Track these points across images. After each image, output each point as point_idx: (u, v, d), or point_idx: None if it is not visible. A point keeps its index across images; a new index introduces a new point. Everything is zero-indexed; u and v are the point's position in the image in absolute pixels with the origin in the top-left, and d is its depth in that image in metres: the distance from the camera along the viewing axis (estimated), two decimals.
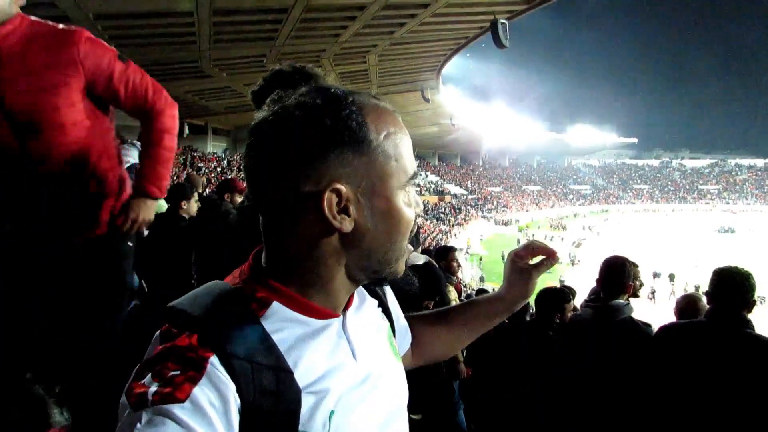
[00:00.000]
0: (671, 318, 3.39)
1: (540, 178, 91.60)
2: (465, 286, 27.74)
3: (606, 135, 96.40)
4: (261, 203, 0.73)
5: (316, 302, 0.74)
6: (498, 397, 3.53)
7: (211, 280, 0.74)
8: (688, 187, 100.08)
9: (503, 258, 35.20)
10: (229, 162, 35.18)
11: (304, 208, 0.69)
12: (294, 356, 0.68)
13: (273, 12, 14.44)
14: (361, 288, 0.86)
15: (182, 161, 29.79)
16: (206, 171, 30.11)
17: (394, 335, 0.95)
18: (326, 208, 0.67)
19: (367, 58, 21.12)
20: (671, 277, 35.44)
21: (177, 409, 0.56)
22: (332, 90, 0.72)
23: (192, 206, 4.30)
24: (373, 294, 0.93)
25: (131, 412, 0.57)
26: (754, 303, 2.46)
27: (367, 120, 0.70)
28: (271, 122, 0.70)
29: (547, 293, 3.49)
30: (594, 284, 4.18)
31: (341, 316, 0.78)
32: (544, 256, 1.07)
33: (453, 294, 4.90)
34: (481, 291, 8.01)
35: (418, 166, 0.79)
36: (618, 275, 2.98)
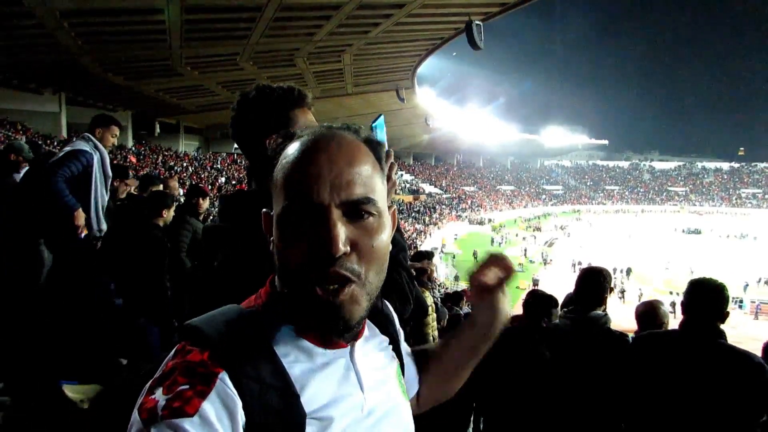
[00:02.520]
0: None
1: (513, 178, 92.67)
2: (440, 285, 27.95)
3: (578, 136, 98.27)
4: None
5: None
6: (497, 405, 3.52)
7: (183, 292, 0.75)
8: (656, 188, 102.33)
9: (475, 257, 35.91)
10: (201, 161, 34.67)
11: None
12: (301, 382, 0.69)
13: (246, 10, 14.30)
14: (372, 324, 0.88)
15: (154, 161, 29.26)
16: (179, 170, 29.62)
17: (403, 374, 0.94)
18: (263, 225, 0.74)
19: (342, 58, 21.08)
20: (628, 272, 37.00)
21: (186, 423, 0.57)
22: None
23: (170, 216, 4.34)
24: (385, 332, 0.92)
25: (142, 428, 0.58)
26: (727, 314, 2.51)
27: (284, 148, 0.74)
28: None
29: (535, 297, 3.49)
30: (566, 288, 4.26)
31: (349, 347, 0.78)
32: (500, 271, 0.97)
33: (429, 299, 4.92)
34: (451, 295, 8.02)
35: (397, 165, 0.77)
36: (595, 287, 3.00)
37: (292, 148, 0.71)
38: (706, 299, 2.49)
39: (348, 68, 22.92)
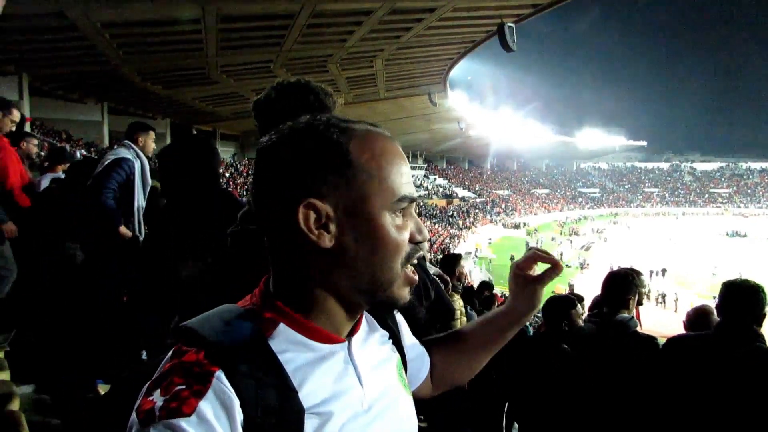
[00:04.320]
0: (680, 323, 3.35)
1: (549, 182, 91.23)
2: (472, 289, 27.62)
3: (615, 138, 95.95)
4: (261, 225, 0.76)
5: (319, 325, 0.75)
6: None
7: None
8: (698, 190, 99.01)
9: (512, 261, 35.54)
10: (237, 167, 35.34)
11: (289, 226, 0.70)
12: (299, 377, 0.69)
13: (279, 18, 14.52)
14: (371, 318, 0.90)
15: None
16: None
17: (405, 369, 0.94)
18: (302, 222, 0.69)
19: (374, 63, 21.19)
20: (663, 272, 36.50)
21: (184, 423, 0.58)
22: (322, 117, 0.75)
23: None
24: (384, 326, 0.93)
25: (140, 429, 0.59)
26: (764, 316, 2.42)
27: (350, 142, 0.72)
28: (264, 148, 0.74)
29: (552, 302, 3.45)
30: (596, 292, 4.18)
31: (346, 342, 0.78)
32: (547, 265, 1.02)
33: (459, 303, 4.87)
34: (484, 284, 7.93)
35: (426, 169, 0.78)
36: (620, 289, 2.95)
37: (380, 144, 0.74)
38: (742, 301, 2.41)
39: (380, 73, 23.03)
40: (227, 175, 32.50)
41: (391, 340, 0.92)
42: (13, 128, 4.15)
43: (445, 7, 14.94)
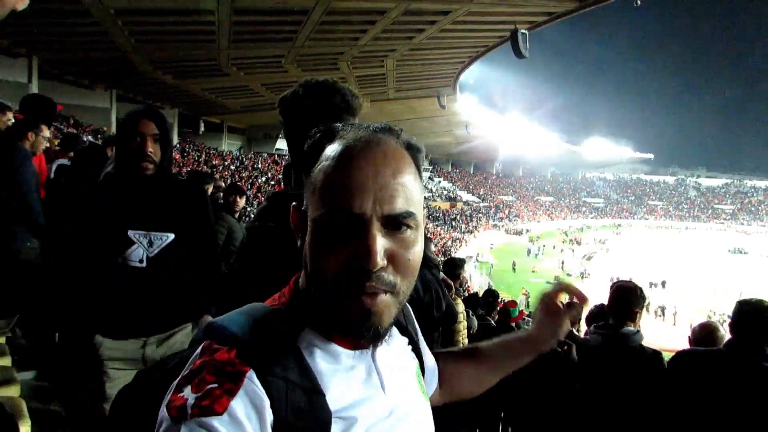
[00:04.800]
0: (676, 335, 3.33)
1: (553, 189, 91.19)
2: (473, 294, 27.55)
3: (622, 149, 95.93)
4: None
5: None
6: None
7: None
8: (702, 205, 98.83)
9: (514, 268, 35.27)
10: (243, 160, 35.38)
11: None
12: (326, 381, 0.69)
13: (293, 13, 14.53)
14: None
15: (197, 158, 30.00)
16: (221, 169, 30.30)
17: (423, 375, 0.94)
18: (291, 223, 0.74)
19: (385, 63, 21.18)
20: (663, 284, 36.79)
21: (216, 422, 0.58)
22: (334, 125, 0.75)
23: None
24: (404, 332, 0.92)
25: (171, 425, 0.59)
26: None
27: (326, 148, 0.72)
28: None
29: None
30: (597, 302, 4.18)
31: (371, 348, 0.77)
32: (574, 298, 1.04)
33: (461, 306, 4.87)
34: (490, 292, 7.90)
35: (431, 172, 0.74)
36: (628, 302, 2.94)
37: (334, 151, 0.69)
38: (755, 320, 2.41)
39: (390, 73, 23.02)
40: (232, 168, 32.53)
41: (410, 347, 0.92)
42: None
43: (459, 10, 14.91)
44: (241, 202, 4.96)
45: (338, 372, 0.72)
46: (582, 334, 4.29)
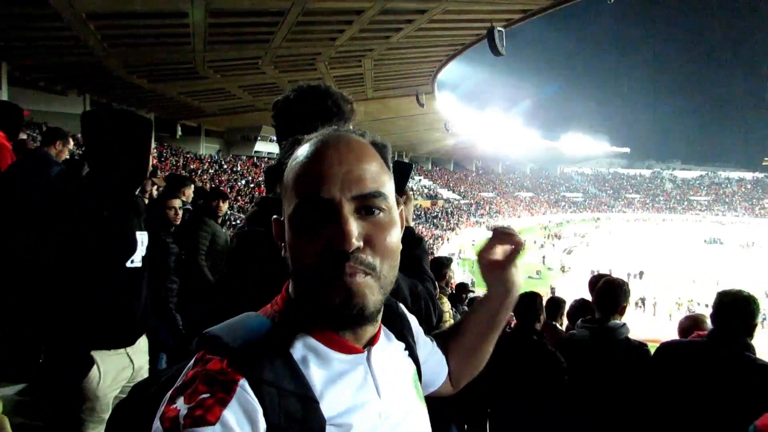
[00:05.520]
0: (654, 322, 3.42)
1: (533, 185, 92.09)
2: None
3: (599, 144, 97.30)
4: None
5: (336, 334, 0.74)
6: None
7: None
8: (678, 197, 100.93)
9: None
10: (221, 163, 35.03)
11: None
12: (320, 388, 0.69)
13: (269, 14, 14.42)
14: (388, 330, 0.88)
15: (175, 163, 29.63)
16: (198, 172, 29.97)
17: (420, 380, 0.94)
18: (274, 233, 0.74)
19: (362, 62, 21.16)
20: (640, 275, 38.01)
21: None
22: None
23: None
24: (400, 337, 0.92)
25: None
26: (755, 327, 2.49)
27: (293, 152, 0.74)
28: None
29: (521, 301, 3.48)
30: (577, 296, 4.26)
31: (365, 352, 0.77)
32: (509, 246, 1.02)
33: (447, 305, 4.90)
34: (461, 286, 7.99)
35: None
36: (615, 296, 3.01)
37: (302, 150, 0.72)
38: (735, 311, 2.47)
39: (368, 73, 23.01)
40: (211, 171, 32.20)
41: (407, 352, 0.92)
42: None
43: (435, 9, 14.95)
44: (224, 206, 4.91)
45: (332, 378, 0.71)
46: (564, 329, 4.35)
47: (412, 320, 1.01)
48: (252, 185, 32.06)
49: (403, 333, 0.93)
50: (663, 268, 41.72)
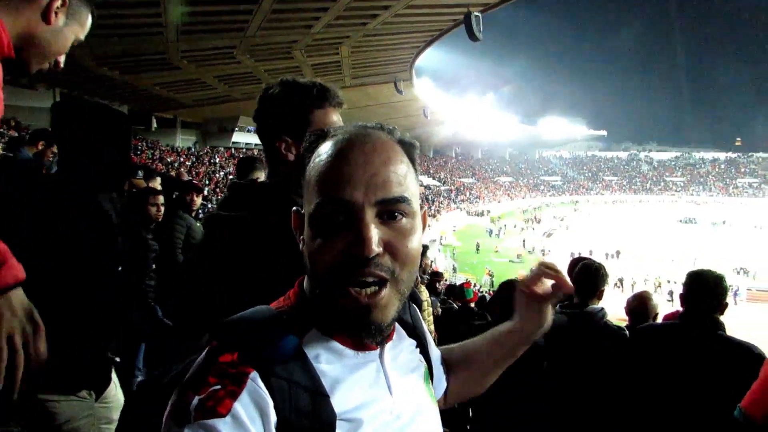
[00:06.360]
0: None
1: (512, 170, 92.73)
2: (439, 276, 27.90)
3: (576, 127, 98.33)
4: None
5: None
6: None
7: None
8: (654, 179, 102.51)
9: (477, 249, 35.72)
10: (199, 155, 34.56)
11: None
12: (331, 383, 0.69)
13: (243, 2, 14.19)
14: (400, 327, 0.87)
15: (151, 156, 29.13)
16: (175, 165, 29.53)
17: (431, 379, 0.93)
18: (293, 225, 0.73)
19: (339, 50, 20.96)
20: (617, 254, 39.15)
21: (219, 424, 0.59)
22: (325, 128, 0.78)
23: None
24: (412, 334, 0.91)
25: (175, 429, 0.59)
26: (726, 305, 2.54)
27: (317, 147, 0.73)
28: None
29: (500, 288, 3.51)
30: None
31: (378, 349, 0.77)
32: (553, 282, 0.97)
33: (425, 294, 4.91)
34: (452, 287, 8.01)
35: None
36: (594, 280, 3.04)
37: (326, 147, 0.71)
38: (705, 291, 2.52)
39: (346, 60, 22.81)
40: (188, 163, 31.75)
41: (418, 350, 0.91)
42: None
43: None
44: (198, 200, 4.79)
45: (344, 374, 0.71)
46: None
47: (422, 320, 0.99)
48: (231, 177, 31.72)
49: (415, 330, 0.92)
50: (640, 249, 42.56)
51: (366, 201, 0.66)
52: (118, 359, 2.56)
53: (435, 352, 1.02)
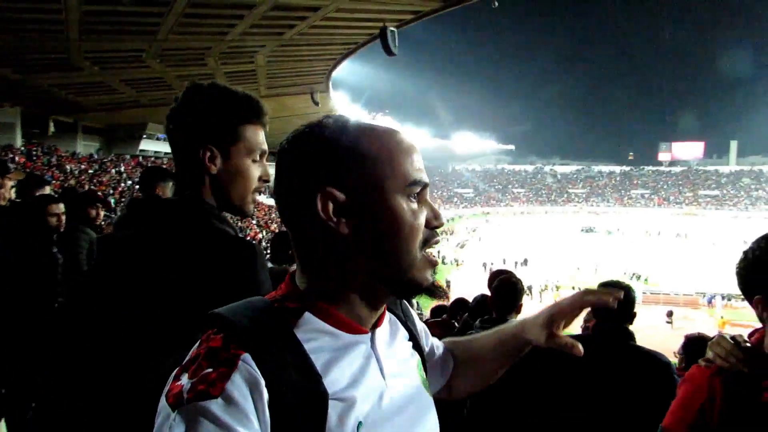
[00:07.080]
0: None
1: None
2: None
3: (487, 142, 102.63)
4: (285, 220, 0.79)
5: (343, 314, 0.76)
6: None
7: None
8: (558, 190, 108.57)
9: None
10: (102, 163, 32.50)
11: (309, 216, 0.73)
12: (323, 364, 0.71)
13: (154, 4, 13.58)
14: (393, 317, 0.92)
15: (46, 162, 27.04)
16: (76, 173, 27.62)
17: (425, 369, 0.95)
18: (320, 210, 0.72)
19: (255, 59, 20.58)
20: (525, 262, 40.78)
21: (212, 405, 0.60)
22: (334, 116, 0.80)
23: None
24: (405, 326, 0.94)
25: (169, 412, 0.61)
26: (635, 315, 2.60)
27: (362, 135, 0.75)
28: (282, 149, 0.79)
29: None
30: (478, 288, 4.32)
31: (370, 333, 0.79)
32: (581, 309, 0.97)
33: None
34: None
35: None
36: (512, 295, 3.05)
37: (387, 135, 0.77)
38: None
39: (261, 70, 22.44)
40: (90, 171, 29.77)
41: (411, 342, 0.93)
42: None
43: (329, 6, 14.90)
44: (101, 212, 4.40)
45: (336, 355, 0.73)
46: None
47: (413, 314, 1.03)
48: (138, 187, 30.08)
49: (406, 323, 0.95)
50: (546, 256, 44.93)
51: None
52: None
53: (430, 344, 1.07)
